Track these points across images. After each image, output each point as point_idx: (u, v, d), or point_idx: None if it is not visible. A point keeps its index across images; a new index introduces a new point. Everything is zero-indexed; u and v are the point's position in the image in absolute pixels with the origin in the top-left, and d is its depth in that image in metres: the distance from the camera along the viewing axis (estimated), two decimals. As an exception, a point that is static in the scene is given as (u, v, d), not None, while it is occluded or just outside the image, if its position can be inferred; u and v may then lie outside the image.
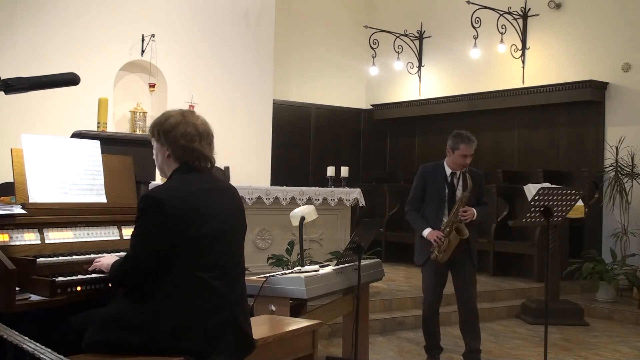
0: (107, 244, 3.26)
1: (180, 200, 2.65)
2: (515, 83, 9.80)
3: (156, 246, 2.63)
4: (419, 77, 11.31)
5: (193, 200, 2.68)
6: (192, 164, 2.78)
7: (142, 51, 8.52)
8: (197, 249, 2.64)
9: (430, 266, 4.88)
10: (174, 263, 2.62)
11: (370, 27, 11.16)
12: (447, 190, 4.86)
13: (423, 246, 4.90)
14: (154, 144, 2.85)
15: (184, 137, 2.76)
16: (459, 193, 4.83)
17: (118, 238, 3.33)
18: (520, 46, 9.79)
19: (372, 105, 11.87)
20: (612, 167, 8.21)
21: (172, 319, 2.58)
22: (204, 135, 2.80)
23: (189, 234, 2.63)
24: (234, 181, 7.10)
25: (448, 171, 4.89)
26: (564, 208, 4.78)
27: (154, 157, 2.88)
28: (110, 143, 4.52)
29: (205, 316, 2.63)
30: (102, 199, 3.38)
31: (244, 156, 8.78)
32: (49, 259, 2.90)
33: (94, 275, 2.95)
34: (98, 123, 6.52)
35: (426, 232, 4.82)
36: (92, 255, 3.09)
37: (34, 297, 2.75)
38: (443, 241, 4.74)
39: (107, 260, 2.94)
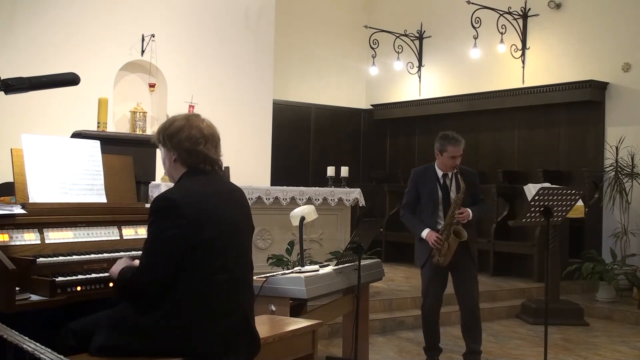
0: (107, 244, 3.26)
1: (193, 202, 2.63)
2: (515, 83, 9.80)
3: (174, 250, 2.57)
4: (419, 77, 11.31)
5: (205, 202, 2.66)
6: (198, 168, 2.76)
7: (142, 51, 8.52)
8: (209, 251, 2.62)
9: (430, 268, 4.85)
10: (187, 266, 2.59)
11: (370, 27, 11.16)
12: (440, 193, 4.83)
13: (422, 248, 4.87)
14: (161, 149, 2.83)
15: (188, 140, 2.73)
16: (452, 195, 4.80)
17: (118, 238, 3.33)
18: (520, 46, 9.79)
19: (372, 105, 11.87)
20: (612, 167, 8.20)
21: (186, 323, 2.57)
22: (209, 138, 2.77)
23: (202, 237, 2.60)
24: (234, 181, 7.07)
25: (439, 173, 4.87)
26: (564, 208, 4.78)
27: (162, 162, 2.86)
28: (110, 143, 4.52)
29: (218, 319, 2.62)
30: (102, 199, 3.38)
31: (244, 156, 8.77)
32: (49, 259, 2.90)
33: (93, 275, 2.95)
34: (98, 123, 6.52)
35: (425, 232, 4.78)
36: (92, 256, 3.09)
37: (34, 297, 2.75)
38: (442, 245, 4.71)
39: (118, 267, 2.82)
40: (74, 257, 3.02)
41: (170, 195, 2.66)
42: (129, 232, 3.38)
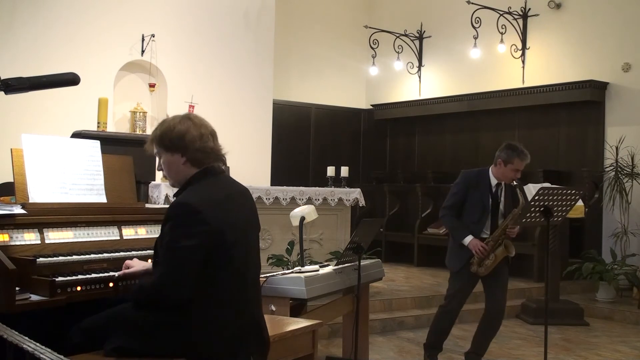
0: (107, 244, 3.26)
1: (212, 207, 2.60)
2: (515, 83, 9.80)
3: (196, 256, 2.54)
4: (419, 77, 11.31)
5: (222, 207, 2.65)
6: (208, 168, 2.74)
7: (142, 51, 8.52)
8: (226, 255, 2.61)
9: (465, 275, 4.78)
10: (202, 270, 2.57)
11: (370, 27, 11.16)
12: (490, 201, 4.75)
13: (460, 253, 4.76)
14: (162, 155, 2.77)
15: (200, 139, 2.71)
16: (501, 206, 4.74)
17: (118, 238, 3.33)
18: (520, 46, 9.79)
19: (372, 105, 11.87)
20: (612, 167, 8.21)
21: (199, 325, 2.56)
22: (214, 134, 2.79)
23: (222, 241, 2.59)
24: (234, 181, 7.08)
25: (494, 181, 4.78)
26: (564, 208, 4.78)
27: (165, 168, 2.80)
28: (110, 143, 4.51)
29: (232, 321, 2.62)
30: (102, 199, 3.38)
31: (244, 156, 8.76)
32: (49, 259, 2.90)
33: (94, 275, 2.95)
34: (98, 123, 6.52)
35: (468, 239, 4.68)
36: (92, 256, 3.09)
37: (34, 297, 2.75)
38: (488, 256, 4.65)
39: (138, 267, 2.89)
40: (74, 257, 3.02)
41: (189, 200, 2.62)
42: (129, 232, 3.38)
